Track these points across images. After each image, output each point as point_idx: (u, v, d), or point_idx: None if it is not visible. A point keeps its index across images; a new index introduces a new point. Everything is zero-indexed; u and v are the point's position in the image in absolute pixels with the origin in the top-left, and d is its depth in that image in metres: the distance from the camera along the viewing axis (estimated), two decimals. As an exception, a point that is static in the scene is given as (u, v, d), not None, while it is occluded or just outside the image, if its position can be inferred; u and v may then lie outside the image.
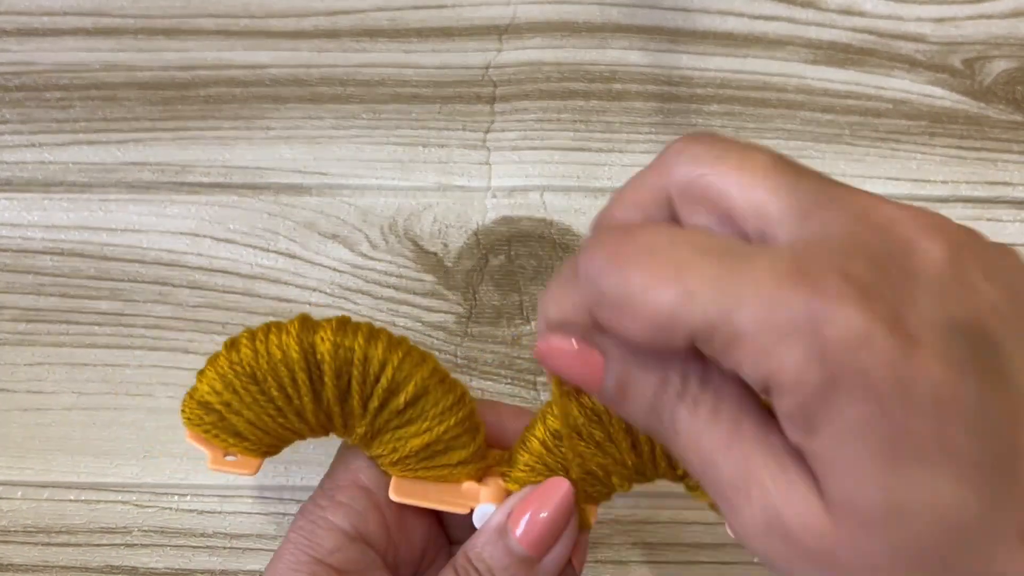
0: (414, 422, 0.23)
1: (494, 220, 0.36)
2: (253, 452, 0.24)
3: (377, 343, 0.23)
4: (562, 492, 0.23)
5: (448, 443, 0.24)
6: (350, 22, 0.40)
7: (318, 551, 0.23)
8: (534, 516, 0.23)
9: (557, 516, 0.23)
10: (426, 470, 0.24)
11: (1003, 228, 0.36)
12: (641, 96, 0.38)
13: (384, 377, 0.23)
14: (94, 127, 0.38)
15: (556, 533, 0.23)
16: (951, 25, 0.40)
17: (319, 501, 0.24)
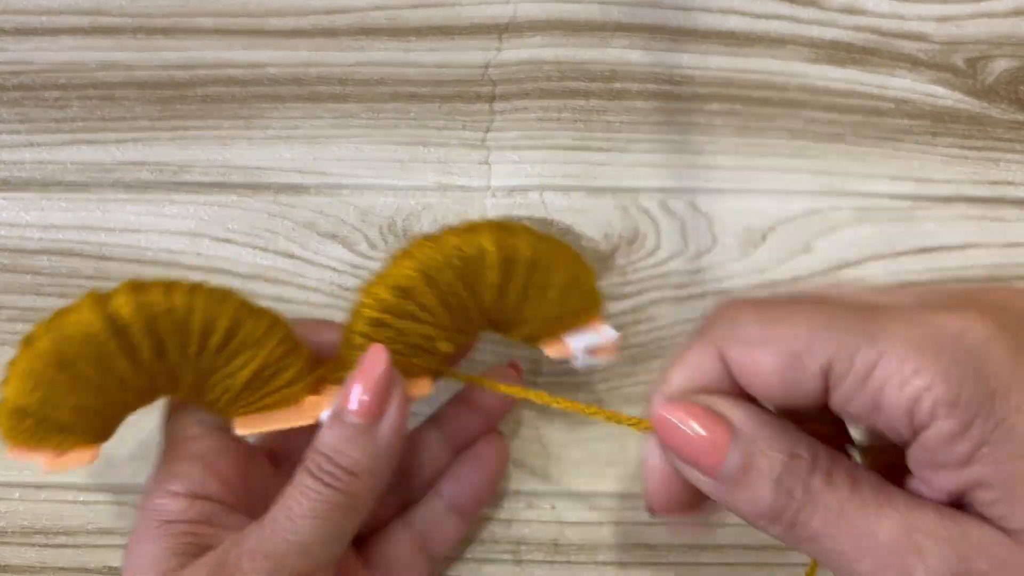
0: (236, 355, 0.24)
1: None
2: (85, 441, 0.23)
3: (176, 292, 0.23)
4: (379, 359, 0.24)
5: (275, 365, 0.24)
6: (349, 21, 0.40)
7: (165, 515, 0.23)
8: (360, 388, 0.23)
9: (380, 381, 0.23)
10: (263, 398, 0.24)
11: (1007, 228, 0.36)
12: (642, 95, 0.38)
13: (193, 321, 0.23)
14: (92, 127, 0.38)
15: (383, 396, 0.23)
16: (953, 24, 0.40)
17: (157, 480, 0.25)
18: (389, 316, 0.24)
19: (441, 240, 0.24)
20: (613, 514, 0.31)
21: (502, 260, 0.24)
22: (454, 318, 0.25)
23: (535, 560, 0.30)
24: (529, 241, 0.25)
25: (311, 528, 0.22)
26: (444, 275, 0.24)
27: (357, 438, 0.23)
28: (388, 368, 0.23)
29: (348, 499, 0.23)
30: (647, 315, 0.34)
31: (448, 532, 0.28)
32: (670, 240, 0.36)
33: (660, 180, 0.37)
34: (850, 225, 0.36)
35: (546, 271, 0.25)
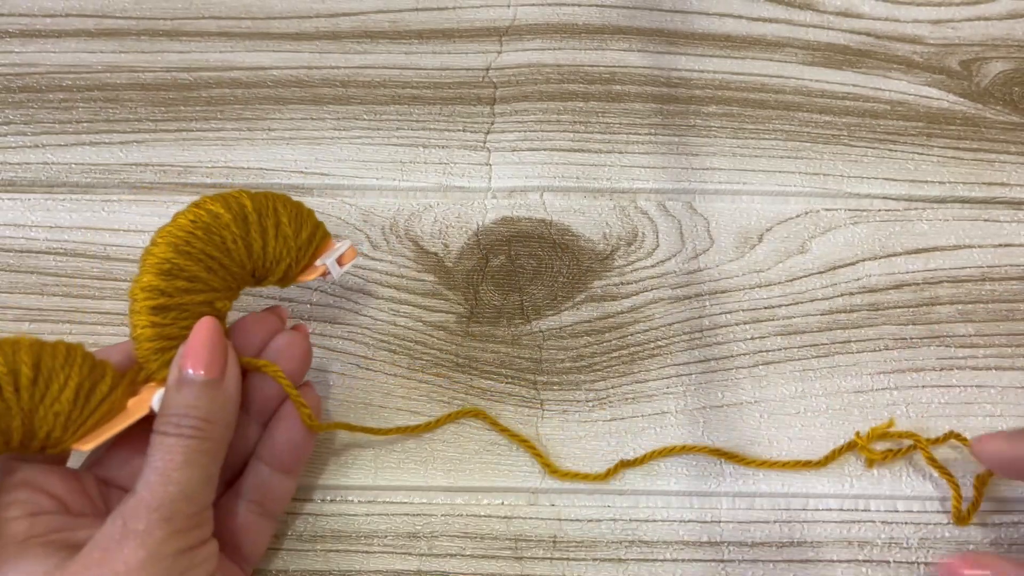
0: (51, 382, 0.25)
1: (494, 220, 0.36)
2: None
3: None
4: (207, 323, 0.26)
5: (89, 378, 0.26)
6: (351, 24, 0.40)
7: (14, 537, 0.24)
8: (195, 352, 0.26)
9: (216, 340, 0.26)
10: (93, 414, 0.26)
11: (1000, 228, 0.36)
12: (640, 97, 0.39)
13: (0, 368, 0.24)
14: (97, 128, 0.38)
15: (222, 352, 0.26)
16: (948, 27, 0.41)
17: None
18: (165, 298, 0.27)
19: (176, 221, 0.28)
20: (612, 511, 0.31)
21: (233, 216, 0.28)
22: (220, 278, 0.28)
23: (534, 557, 0.31)
24: (248, 195, 0.29)
25: (186, 475, 0.24)
26: (195, 245, 0.27)
27: (206, 391, 0.25)
28: (219, 328, 0.26)
29: (209, 444, 0.25)
30: (645, 315, 0.35)
31: (277, 490, 0.29)
32: (668, 241, 0.36)
33: (658, 181, 0.37)
34: (845, 226, 0.36)
35: (272, 214, 0.29)
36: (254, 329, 0.29)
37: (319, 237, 0.30)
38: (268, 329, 0.29)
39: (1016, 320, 0.34)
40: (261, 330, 0.29)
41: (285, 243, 0.29)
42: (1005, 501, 0.31)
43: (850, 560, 0.31)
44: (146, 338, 0.27)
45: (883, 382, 0.33)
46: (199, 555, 0.24)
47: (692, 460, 0.32)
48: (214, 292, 0.28)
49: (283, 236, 0.29)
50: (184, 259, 0.27)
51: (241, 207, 0.28)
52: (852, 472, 0.32)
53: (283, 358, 0.29)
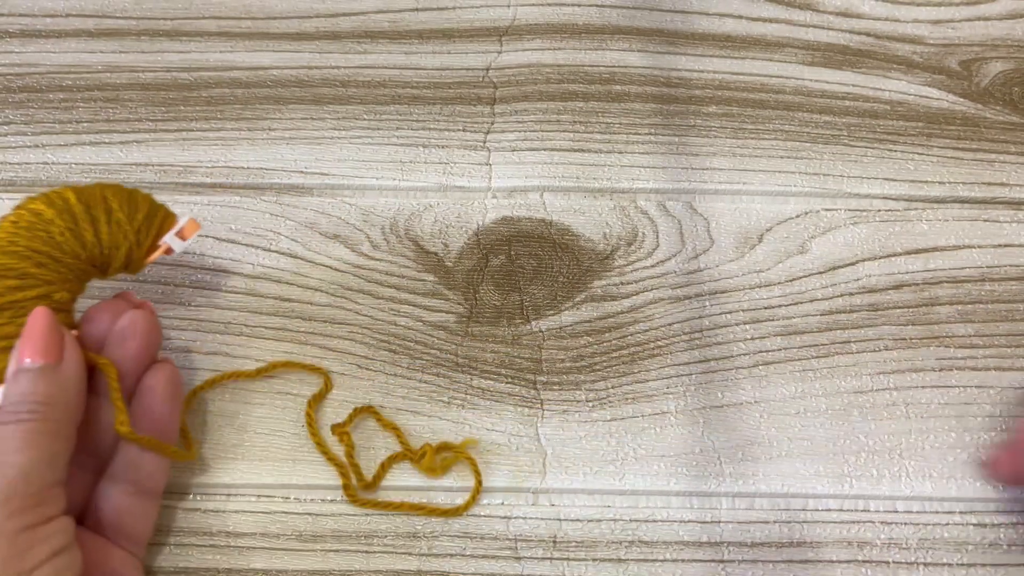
0: None
1: (494, 220, 0.36)
2: None
3: None
4: (39, 312, 0.27)
5: None
6: (351, 24, 0.40)
7: None
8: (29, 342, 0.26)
9: (47, 327, 0.27)
10: None
11: (1000, 229, 0.36)
12: (640, 97, 0.39)
13: None
14: (97, 128, 0.38)
15: (56, 337, 0.27)
16: (948, 27, 0.41)
17: None
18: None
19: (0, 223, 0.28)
20: (612, 511, 0.31)
21: (56, 210, 0.28)
22: (53, 272, 0.28)
23: (534, 557, 0.31)
24: (73, 190, 0.29)
25: (24, 457, 0.25)
26: (19, 243, 0.28)
27: (42, 376, 0.26)
28: (51, 316, 0.27)
29: (49, 425, 0.26)
30: (645, 315, 0.35)
31: (148, 467, 0.29)
32: (668, 241, 0.36)
33: (658, 182, 0.37)
34: (845, 226, 0.36)
35: (101, 202, 0.29)
36: (101, 316, 0.29)
37: (160, 218, 0.30)
38: (116, 313, 0.29)
39: (1016, 320, 0.35)
40: (109, 315, 0.29)
41: (119, 228, 0.29)
42: (1005, 501, 0.31)
43: (850, 560, 0.31)
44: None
45: (883, 382, 0.33)
46: (43, 531, 0.25)
47: (692, 460, 0.32)
48: (49, 285, 0.28)
49: (116, 222, 0.29)
50: (9, 258, 0.28)
51: (64, 201, 0.29)
52: (852, 472, 0.32)
53: (127, 337, 0.29)
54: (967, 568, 0.31)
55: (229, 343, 0.34)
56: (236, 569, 0.31)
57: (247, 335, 0.34)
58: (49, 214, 0.28)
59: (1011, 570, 0.31)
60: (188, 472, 0.32)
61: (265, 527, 0.31)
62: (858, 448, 0.32)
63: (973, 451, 0.32)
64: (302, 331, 0.34)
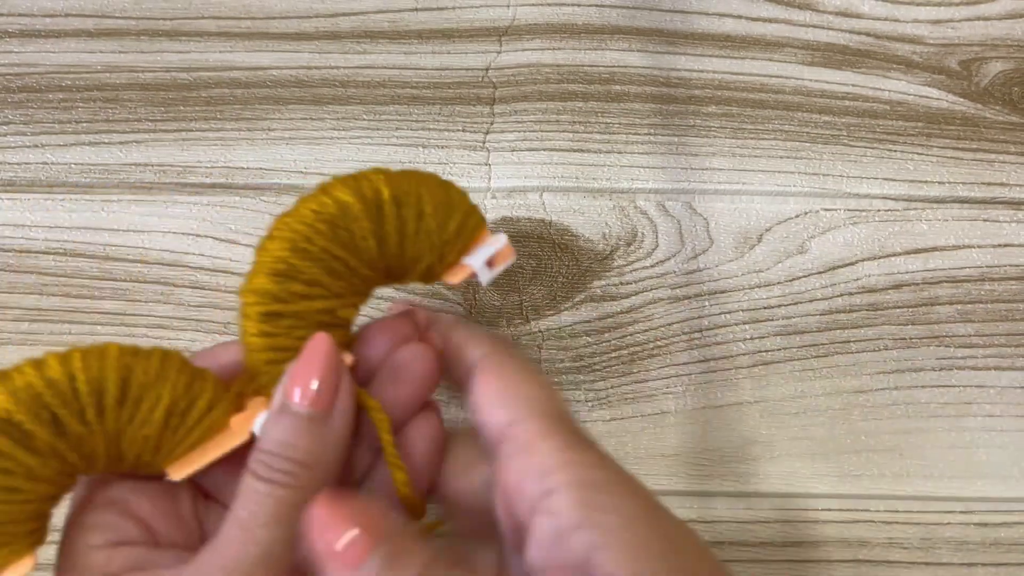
0: (140, 402, 0.22)
1: (494, 221, 0.36)
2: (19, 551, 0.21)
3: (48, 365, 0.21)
4: (322, 342, 0.22)
5: (185, 397, 0.22)
6: (351, 24, 0.40)
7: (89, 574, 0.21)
8: (301, 378, 0.22)
9: (328, 366, 0.22)
10: (188, 435, 0.22)
11: (999, 229, 0.36)
12: (639, 98, 0.39)
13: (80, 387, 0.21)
14: (96, 128, 0.38)
15: (333, 381, 0.22)
16: (948, 27, 0.41)
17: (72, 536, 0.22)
18: (279, 304, 0.23)
19: (297, 210, 0.23)
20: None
21: (365, 207, 0.23)
22: (345, 282, 0.24)
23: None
24: (385, 179, 0.24)
25: (269, 534, 0.21)
26: (316, 242, 0.23)
27: (309, 428, 0.22)
28: (334, 351, 0.22)
29: (302, 495, 0.21)
30: (644, 315, 0.35)
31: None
32: (667, 241, 0.36)
33: (657, 182, 0.37)
34: (845, 226, 0.36)
35: (414, 202, 0.24)
36: (379, 339, 0.24)
37: (471, 227, 0.25)
38: (396, 338, 0.25)
39: (1015, 320, 0.34)
40: (388, 338, 0.24)
41: (427, 239, 0.24)
42: (1005, 501, 0.31)
43: (850, 560, 0.31)
44: (255, 348, 0.23)
45: (883, 382, 0.33)
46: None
47: (692, 460, 0.32)
48: (337, 298, 0.23)
49: (425, 231, 0.24)
50: (302, 259, 0.23)
51: (376, 194, 0.24)
52: (852, 472, 0.32)
53: (402, 378, 0.24)
54: (968, 568, 0.31)
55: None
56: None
57: (246, 335, 0.34)
58: (357, 209, 0.23)
59: (1011, 570, 0.31)
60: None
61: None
62: (858, 448, 0.32)
63: (973, 450, 0.32)
64: (301, 331, 0.34)
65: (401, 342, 0.24)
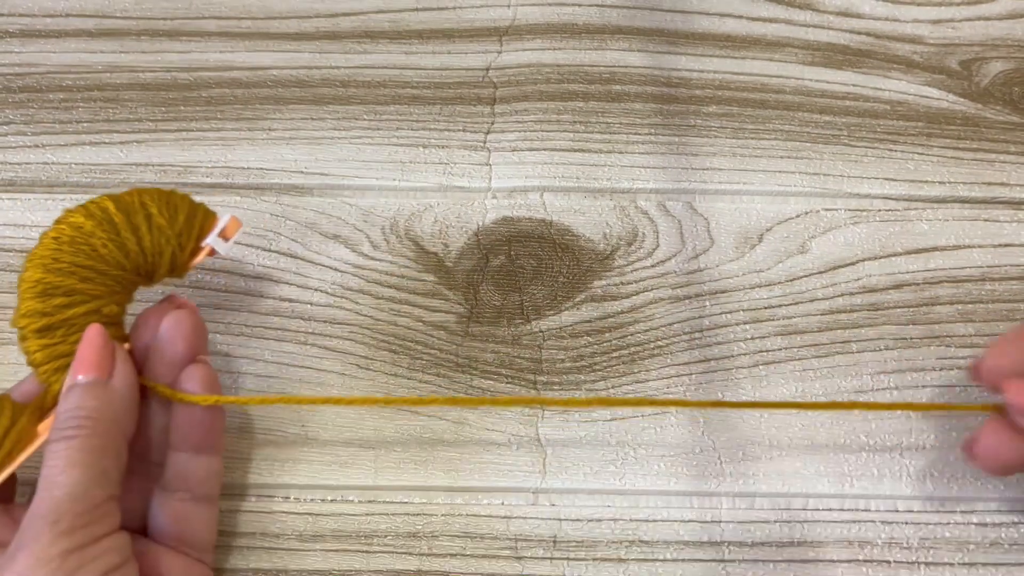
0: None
1: (494, 220, 0.36)
2: None
3: None
4: (93, 329, 0.27)
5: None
6: (351, 24, 0.40)
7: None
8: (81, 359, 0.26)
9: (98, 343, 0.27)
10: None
11: (1000, 228, 0.36)
12: (640, 97, 0.39)
13: None
14: (97, 128, 0.38)
15: (106, 353, 0.27)
16: (948, 27, 0.41)
17: None
18: (47, 319, 0.27)
19: (41, 243, 0.28)
20: (612, 511, 0.31)
21: (96, 222, 0.28)
22: (100, 285, 0.28)
23: (534, 557, 0.31)
24: (109, 198, 0.29)
25: (72, 477, 0.24)
26: (63, 260, 0.27)
27: (90, 391, 0.26)
28: (103, 332, 0.27)
29: (96, 441, 0.25)
30: (645, 315, 0.35)
31: (199, 472, 0.28)
32: (668, 241, 0.36)
33: (658, 182, 0.37)
34: (845, 226, 0.36)
35: (139, 208, 0.29)
36: (148, 322, 0.29)
37: (200, 218, 0.30)
38: (162, 318, 0.29)
39: (1016, 320, 0.34)
40: (155, 320, 0.29)
41: (161, 233, 0.29)
42: (1005, 501, 0.31)
43: (850, 560, 0.31)
44: (41, 363, 0.27)
45: (883, 382, 0.33)
46: (94, 550, 0.24)
47: (692, 459, 0.32)
48: (98, 300, 0.28)
49: (157, 228, 0.29)
50: (55, 276, 0.27)
51: (103, 211, 0.28)
52: (853, 472, 0.32)
53: (171, 339, 0.28)
54: (968, 568, 0.31)
55: (229, 343, 0.34)
56: (236, 569, 0.31)
57: (247, 335, 0.34)
58: (89, 226, 0.28)
59: (1012, 569, 0.31)
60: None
61: (265, 527, 0.31)
62: (859, 447, 0.32)
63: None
64: (302, 331, 0.34)
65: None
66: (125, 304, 0.29)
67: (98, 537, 0.25)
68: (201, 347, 0.29)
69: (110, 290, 0.28)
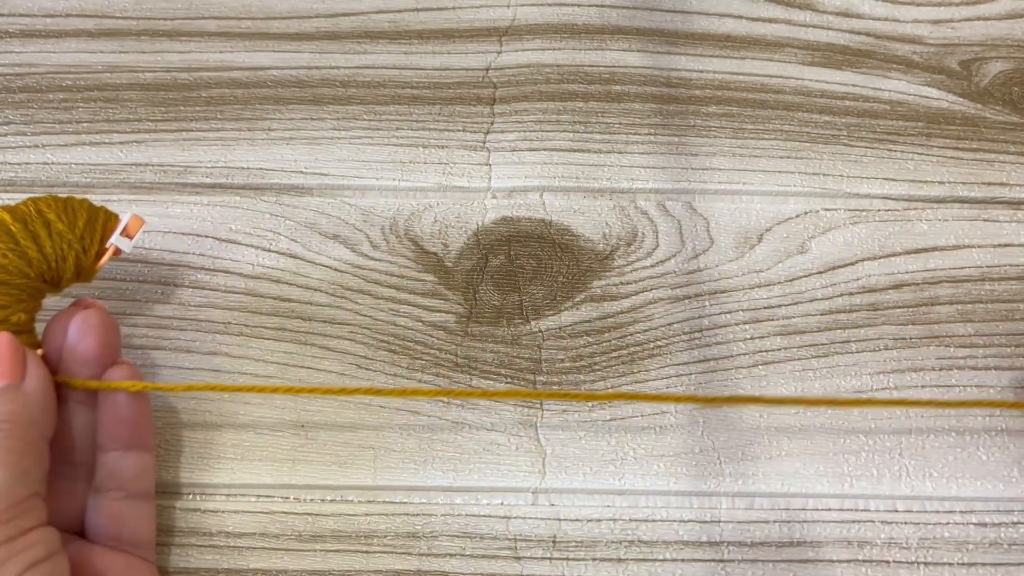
0: None
1: (494, 220, 0.36)
2: None
3: None
4: (1, 337, 0.27)
5: None
6: (351, 24, 0.40)
7: None
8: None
9: (8, 350, 0.27)
10: None
11: (1000, 229, 0.36)
12: (640, 98, 0.39)
13: None
14: (97, 128, 0.38)
15: (14, 356, 0.27)
16: (948, 27, 0.41)
17: None
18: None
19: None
20: (611, 511, 0.31)
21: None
22: (7, 295, 0.28)
23: (534, 557, 0.31)
24: (6, 209, 0.29)
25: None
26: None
27: (5, 395, 0.26)
28: (11, 338, 0.27)
29: (13, 442, 0.26)
30: (644, 315, 0.35)
31: (131, 468, 0.29)
32: (667, 241, 0.36)
33: (658, 182, 0.37)
34: (845, 226, 0.36)
35: (36, 215, 0.29)
36: (59, 326, 0.29)
37: (101, 221, 0.30)
38: (71, 319, 0.29)
39: (1016, 320, 0.34)
40: (66, 322, 0.29)
41: (62, 239, 0.29)
42: (1005, 501, 0.31)
43: (850, 560, 0.31)
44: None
45: (883, 382, 0.33)
46: (20, 543, 0.24)
47: (692, 460, 0.32)
48: (4, 309, 0.28)
49: (57, 234, 0.29)
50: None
51: (1, 222, 0.29)
52: (852, 472, 0.32)
53: (82, 337, 0.28)
54: (968, 568, 0.31)
55: (229, 343, 0.34)
56: (236, 569, 0.31)
57: (247, 335, 0.34)
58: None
59: (1012, 570, 0.31)
60: (187, 472, 0.32)
61: (265, 527, 0.31)
62: (858, 448, 0.32)
63: (973, 450, 0.32)
64: (302, 331, 0.34)
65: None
66: (34, 312, 0.29)
67: (24, 530, 0.25)
68: (114, 343, 0.29)
69: (15, 299, 0.28)
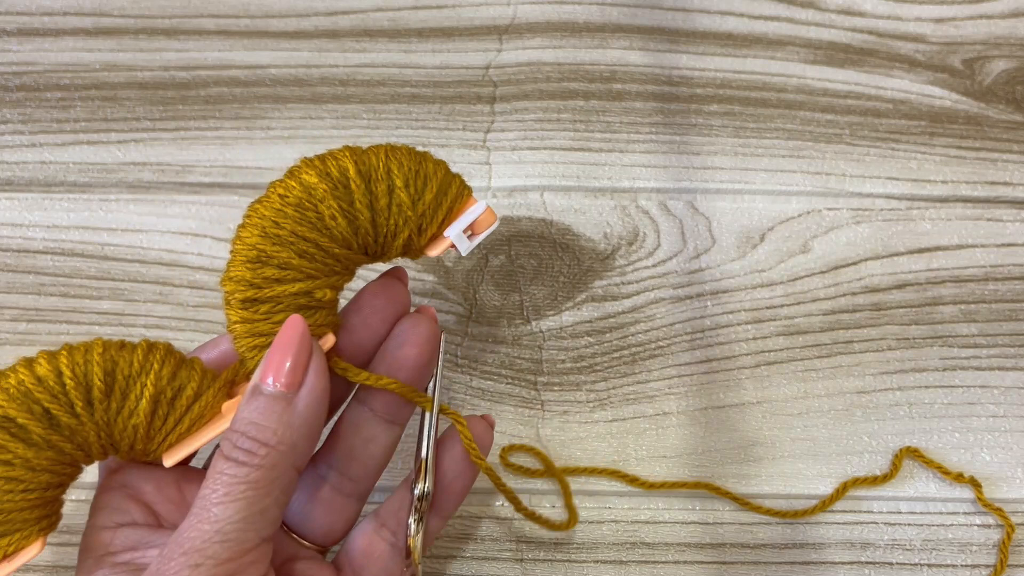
0: (127, 393, 0.23)
1: (494, 220, 0.36)
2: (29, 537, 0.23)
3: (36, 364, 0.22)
4: (293, 324, 0.23)
5: (171, 386, 0.23)
6: (350, 22, 0.40)
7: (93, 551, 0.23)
8: (276, 359, 0.22)
9: (293, 346, 0.22)
10: (178, 423, 0.23)
11: (1003, 228, 0.36)
12: (641, 96, 0.39)
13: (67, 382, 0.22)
14: (95, 127, 0.38)
15: (300, 361, 0.22)
16: (951, 25, 0.40)
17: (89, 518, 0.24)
18: (254, 291, 0.23)
19: (266, 196, 0.24)
20: (613, 513, 0.31)
21: (331, 186, 0.23)
22: (319, 263, 0.24)
23: (536, 559, 0.31)
24: (352, 156, 0.24)
25: (226, 512, 0.21)
26: (284, 226, 0.23)
27: (274, 407, 0.22)
28: (303, 332, 0.23)
29: (264, 474, 0.22)
30: (646, 314, 0.34)
31: (432, 531, 0.26)
32: (669, 240, 0.36)
33: (659, 181, 0.37)
34: (847, 225, 0.36)
35: (383, 176, 0.24)
36: (373, 308, 0.25)
37: (452, 197, 0.25)
38: (391, 305, 0.25)
39: (1019, 320, 0.34)
40: (382, 308, 0.25)
41: (401, 212, 0.24)
42: (1005, 502, 0.31)
43: (853, 562, 0.30)
44: (239, 335, 0.24)
45: (886, 382, 0.33)
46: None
47: (694, 461, 0.32)
48: (311, 280, 0.24)
49: (397, 205, 0.24)
50: (272, 244, 0.23)
51: (342, 173, 0.24)
52: (855, 473, 0.32)
53: (403, 344, 0.25)
54: (970, 569, 0.30)
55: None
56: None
57: (246, 335, 0.34)
58: (321, 190, 0.23)
59: (1013, 570, 0.30)
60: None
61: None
62: (861, 449, 0.32)
63: (977, 451, 0.32)
64: (301, 331, 0.34)
65: (397, 306, 0.25)
66: (341, 287, 0.25)
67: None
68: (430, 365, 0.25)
69: (328, 270, 0.24)
